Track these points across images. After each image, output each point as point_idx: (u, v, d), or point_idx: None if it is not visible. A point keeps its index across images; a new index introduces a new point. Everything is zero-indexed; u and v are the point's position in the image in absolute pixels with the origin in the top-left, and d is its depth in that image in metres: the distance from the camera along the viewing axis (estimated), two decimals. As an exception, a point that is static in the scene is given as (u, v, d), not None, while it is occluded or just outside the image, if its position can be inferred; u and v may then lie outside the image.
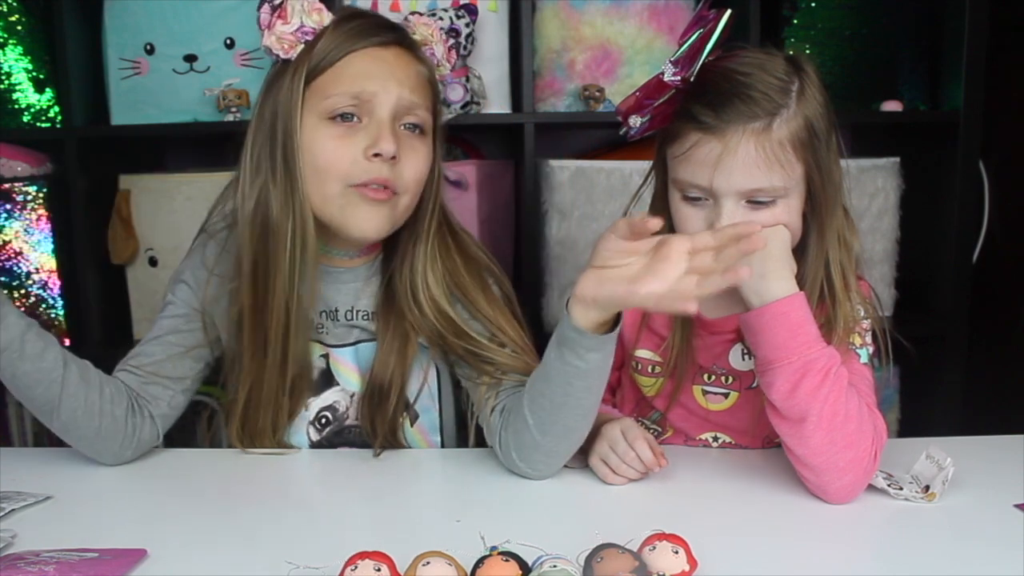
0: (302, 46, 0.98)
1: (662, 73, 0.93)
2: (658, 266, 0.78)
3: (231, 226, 1.05)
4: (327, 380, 1.07)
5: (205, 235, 1.09)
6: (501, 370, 1.00)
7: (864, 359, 0.96)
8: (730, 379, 1.03)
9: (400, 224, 1.01)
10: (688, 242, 0.79)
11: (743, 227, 0.80)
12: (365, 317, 1.07)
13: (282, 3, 0.99)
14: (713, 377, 1.04)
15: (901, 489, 0.88)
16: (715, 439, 1.06)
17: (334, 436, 1.08)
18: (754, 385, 1.02)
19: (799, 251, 0.95)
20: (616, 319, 0.86)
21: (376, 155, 0.94)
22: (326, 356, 1.07)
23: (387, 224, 0.98)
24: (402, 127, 0.98)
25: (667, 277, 0.78)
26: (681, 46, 0.93)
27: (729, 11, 0.89)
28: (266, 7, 1.00)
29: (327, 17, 1.00)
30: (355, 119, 0.96)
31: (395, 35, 1.01)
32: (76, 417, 0.94)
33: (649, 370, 1.06)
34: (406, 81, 0.98)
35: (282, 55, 0.99)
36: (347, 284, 1.07)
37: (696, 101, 0.91)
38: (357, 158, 0.95)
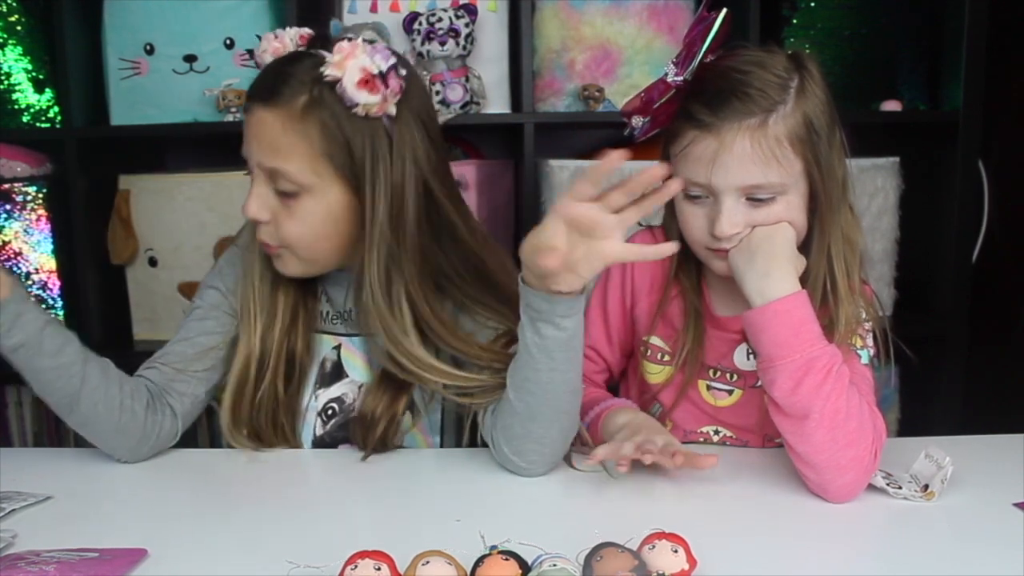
0: None
1: (665, 74, 0.93)
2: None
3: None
4: (337, 372, 1.08)
5: (236, 248, 1.10)
6: (488, 388, 0.98)
7: (865, 360, 0.96)
8: (734, 377, 1.04)
9: (327, 266, 1.02)
10: (600, 201, 0.83)
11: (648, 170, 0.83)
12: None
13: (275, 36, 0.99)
14: (718, 373, 1.04)
15: (900, 488, 0.88)
16: (716, 432, 1.07)
17: (338, 429, 1.08)
18: (758, 384, 1.02)
19: (803, 249, 0.95)
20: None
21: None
22: (338, 347, 1.08)
23: (298, 268, 1.00)
24: (276, 193, 0.96)
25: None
26: (683, 46, 0.93)
27: (725, 10, 0.90)
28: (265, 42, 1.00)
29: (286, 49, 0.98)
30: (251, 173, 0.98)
31: (258, 95, 0.94)
32: (97, 412, 0.95)
33: (658, 357, 1.06)
34: (264, 140, 0.93)
35: None
36: (342, 285, 1.07)
37: (695, 100, 0.92)
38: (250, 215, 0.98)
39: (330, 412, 1.08)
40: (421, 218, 0.97)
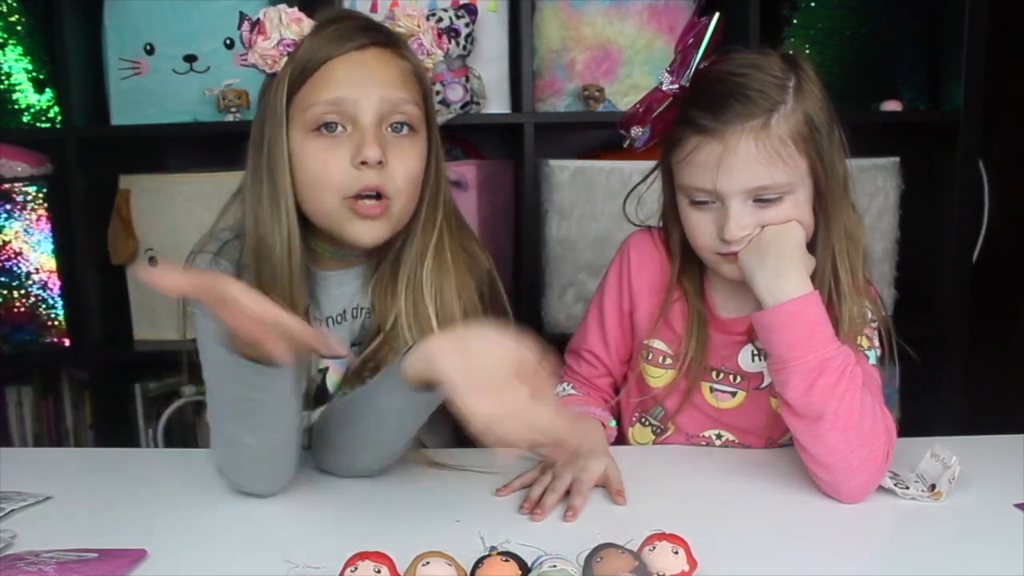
0: (285, 58, 0.97)
1: (660, 83, 0.93)
2: (502, 390, 0.76)
3: (240, 236, 1.02)
4: (321, 396, 1.06)
5: (211, 257, 1.03)
6: None
7: (873, 360, 0.96)
8: (738, 378, 1.03)
9: (401, 227, 1.00)
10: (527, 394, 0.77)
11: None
12: (369, 314, 1.06)
13: (259, 20, 0.98)
14: (721, 375, 1.04)
15: (908, 488, 0.88)
16: (718, 436, 1.06)
17: None
18: (762, 386, 1.02)
19: (808, 248, 0.95)
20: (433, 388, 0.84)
21: (363, 162, 0.93)
22: (324, 370, 1.06)
23: (385, 231, 0.98)
24: (389, 129, 0.96)
25: (503, 405, 0.75)
26: (677, 53, 0.93)
27: (718, 14, 0.90)
28: (246, 25, 0.99)
29: (307, 26, 0.97)
30: (340, 128, 0.95)
31: (373, 36, 0.98)
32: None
33: (660, 361, 1.06)
34: (387, 80, 0.96)
35: (268, 71, 0.98)
36: (349, 284, 1.06)
37: (694, 106, 0.92)
38: (346, 168, 0.94)
39: None
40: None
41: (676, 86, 0.92)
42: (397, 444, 0.93)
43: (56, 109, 1.70)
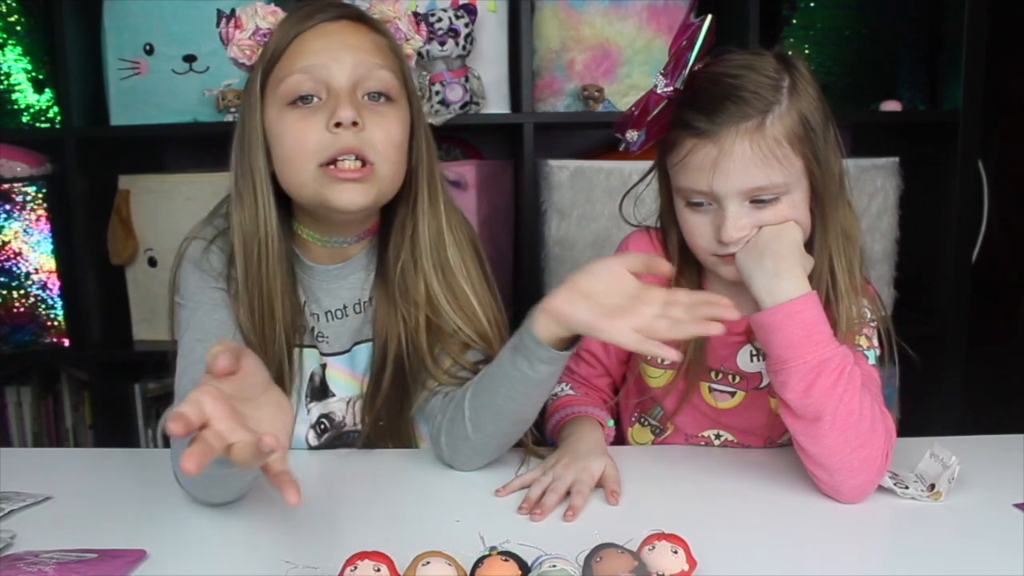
0: (261, 48, 0.99)
1: (655, 86, 0.93)
2: (634, 305, 0.81)
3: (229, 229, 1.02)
4: (324, 390, 1.06)
5: (205, 244, 1.04)
6: (450, 374, 1.01)
7: (872, 360, 0.96)
8: (737, 379, 1.03)
9: (388, 196, 0.99)
10: (665, 294, 0.83)
11: (716, 296, 0.82)
12: (370, 306, 1.06)
13: (233, 13, 0.99)
14: (720, 375, 1.04)
15: (907, 488, 0.88)
16: (717, 436, 1.06)
17: (334, 439, 1.07)
18: (761, 386, 1.02)
19: (806, 248, 0.95)
20: (576, 338, 0.87)
21: (338, 125, 0.92)
22: (323, 366, 1.06)
23: (370, 195, 0.95)
24: (365, 97, 0.95)
25: (641, 315, 0.81)
26: (670, 56, 0.93)
27: (710, 16, 0.90)
28: (223, 22, 1.00)
29: (282, 17, 0.99)
30: (314, 99, 0.94)
31: (343, 10, 0.99)
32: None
33: (659, 361, 1.06)
34: (359, 46, 0.96)
35: (247, 63, 1.00)
36: (348, 277, 1.05)
37: (689, 108, 0.92)
38: (321, 133, 0.93)
39: (322, 427, 1.07)
40: None
41: (670, 88, 0.92)
42: (533, 414, 0.95)
43: (56, 109, 1.70)
